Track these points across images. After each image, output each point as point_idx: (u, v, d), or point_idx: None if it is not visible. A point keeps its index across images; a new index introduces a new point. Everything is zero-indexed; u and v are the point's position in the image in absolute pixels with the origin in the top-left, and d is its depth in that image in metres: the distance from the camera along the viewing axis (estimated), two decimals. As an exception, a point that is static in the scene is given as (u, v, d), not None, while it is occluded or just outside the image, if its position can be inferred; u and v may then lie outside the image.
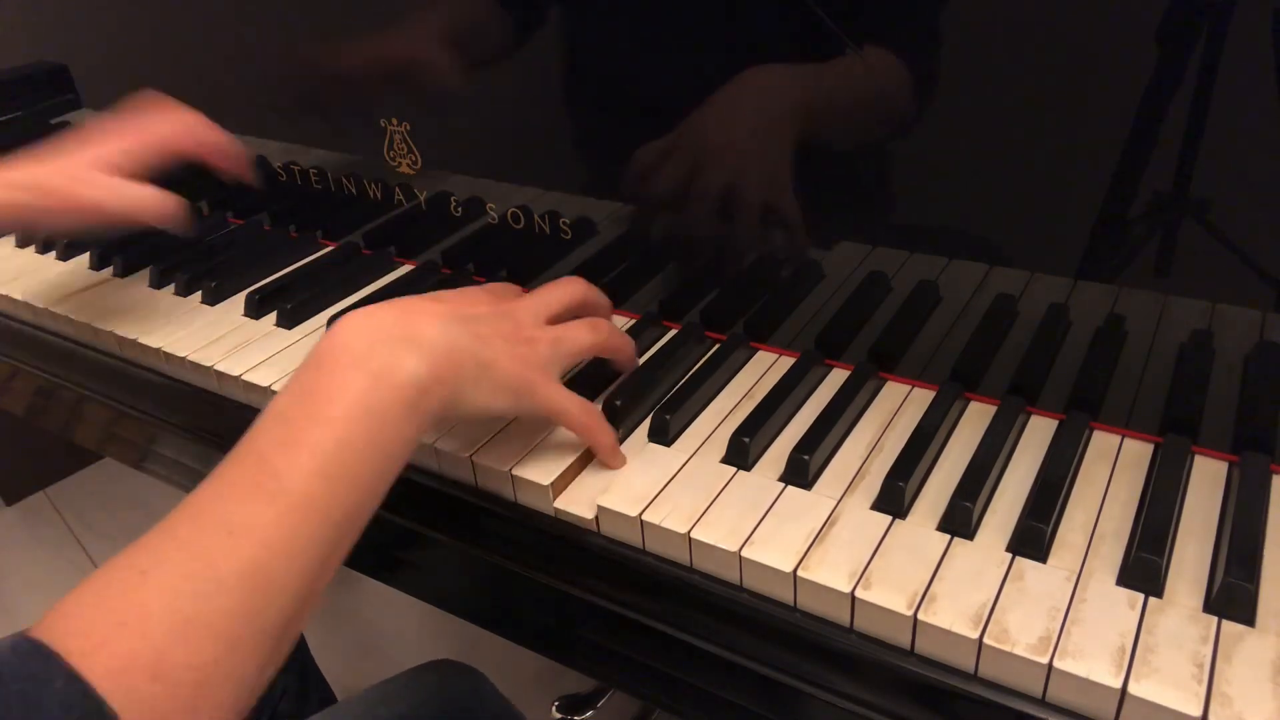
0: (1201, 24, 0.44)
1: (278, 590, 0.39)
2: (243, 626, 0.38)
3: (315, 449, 0.41)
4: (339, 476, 0.42)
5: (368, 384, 0.43)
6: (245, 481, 0.41)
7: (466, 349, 0.47)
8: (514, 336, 0.50)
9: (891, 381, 0.60)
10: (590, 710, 1.09)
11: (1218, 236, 0.48)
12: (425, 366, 0.45)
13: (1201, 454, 0.52)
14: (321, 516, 0.41)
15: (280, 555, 0.39)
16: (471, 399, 0.48)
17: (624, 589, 0.52)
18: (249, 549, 0.39)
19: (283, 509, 0.40)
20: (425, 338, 0.46)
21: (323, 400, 0.43)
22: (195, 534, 0.39)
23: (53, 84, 0.95)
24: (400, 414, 0.44)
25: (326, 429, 0.42)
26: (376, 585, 0.65)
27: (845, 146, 0.57)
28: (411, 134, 0.72)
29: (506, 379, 0.49)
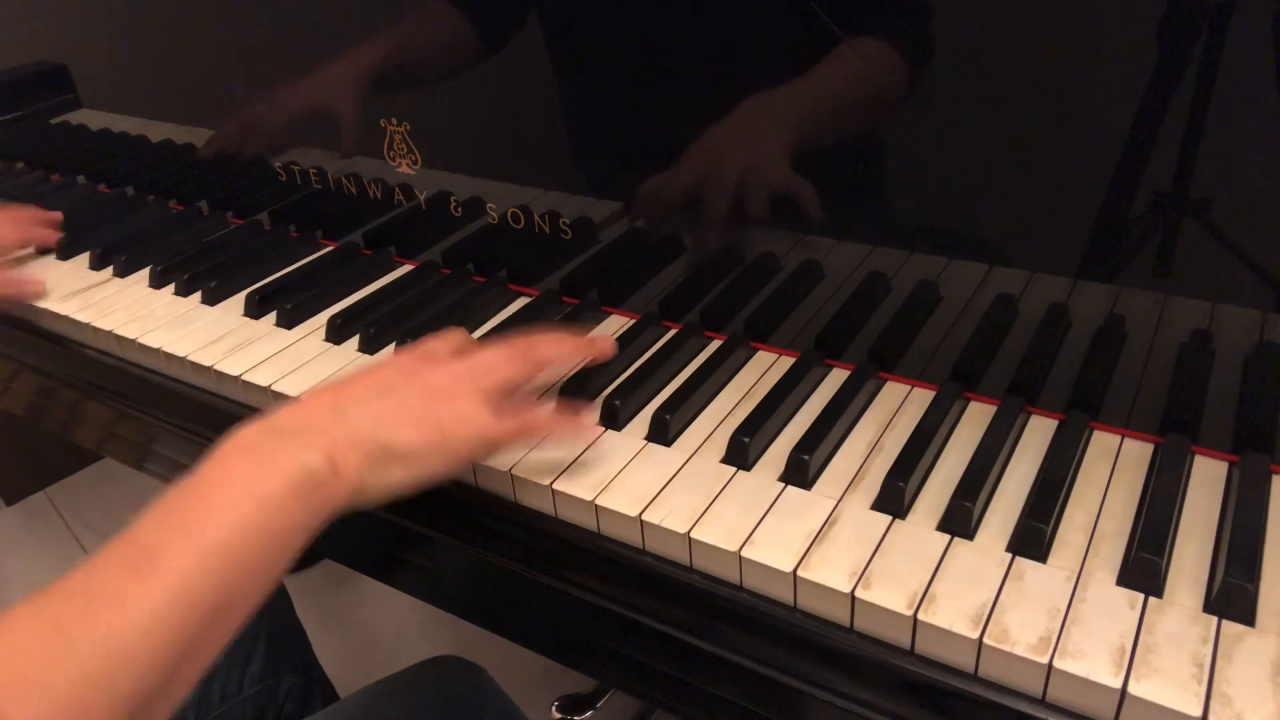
0: (1201, 24, 0.44)
1: (132, 662, 0.38)
2: (88, 692, 0.37)
3: (193, 529, 0.41)
4: (217, 556, 0.41)
5: (252, 473, 0.43)
6: (118, 559, 0.41)
7: (364, 433, 0.46)
8: (428, 400, 0.49)
9: (891, 381, 0.60)
10: (590, 710, 1.09)
11: (1218, 236, 0.48)
12: (316, 456, 0.44)
13: (1201, 454, 0.52)
14: (194, 595, 0.40)
15: (139, 628, 0.38)
16: (386, 480, 0.47)
17: (624, 589, 0.52)
18: (105, 619, 0.38)
19: (149, 585, 0.39)
20: (314, 429, 0.46)
21: (208, 487, 0.43)
22: (55, 604, 0.39)
23: (53, 84, 0.95)
24: (291, 503, 0.43)
25: (208, 511, 0.42)
26: (376, 585, 0.65)
27: (844, 147, 0.57)
28: (411, 134, 0.72)
29: (421, 448, 0.48)
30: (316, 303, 0.73)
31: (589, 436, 0.54)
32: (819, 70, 0.54)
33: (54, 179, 1.04)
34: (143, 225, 0.91)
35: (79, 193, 1.01)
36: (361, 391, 0.49)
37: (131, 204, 0.97)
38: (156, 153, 0.92)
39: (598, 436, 0.56)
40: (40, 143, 1.04)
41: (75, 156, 1.02)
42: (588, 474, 0.53)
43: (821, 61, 0.54)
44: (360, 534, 0.65)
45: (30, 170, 1.07)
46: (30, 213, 0.73)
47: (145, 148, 0.93)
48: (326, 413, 0.47)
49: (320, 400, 0.48)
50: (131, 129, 0.93)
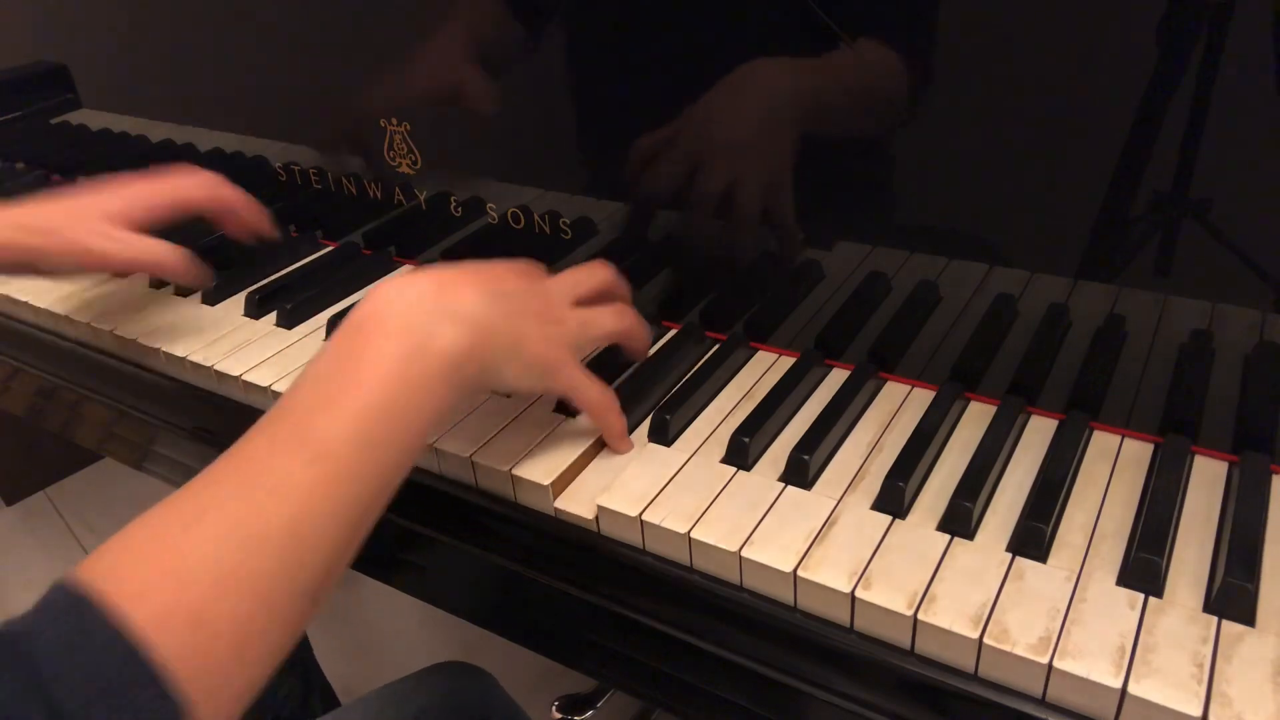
0: (1201, 24, 0.44)
1: (312, 550, 0.40)
2: (280, 583, 0.39)
3: (353, 413, 0.42)
4: (375, 442, 0.42)
5: (405, 352, 0.44)
6: (284, 441, 0.42)
7: (501, 324, 0.48)
8: (544, 315, 0.51)
9: (891, 381, 0.60)
10: (590, 710, 1.09)
11: (1218, 236, 0.48)
12: (462, 338, 0.45)
13: (1201, 454, 0.52)
14: (357, 480, 0.41)
15: (317, 515, 0.40)
16: (502, 374, 0.48)
17: (624, 589, 0.52)
18: (288, 508, 0.39)
19: (320, 471, 0.41)
20: (462, 310, 0.46)
21: (361, 365, 0.43)
22: (236, 491, 0.40)
23: (53, 84, 0.95)
24: (436, 384, 0.44)
25: (365, 394, 0.43)
26: (376, 585, 0.65)
27: (844, 145, 0.57)
28: (411, 134, 0.72)
29: (535, 357, 0.49)
30: (316, 303, 0.73)
31: (625, 450, 0.55)
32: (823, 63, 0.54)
33: (54, 179, 1.04)
34: (143, 225, 0.91)
35: (79, 193, 1.01)
36: (496, 283, 0.50)
37: (131, 204, 0.97)
38: (156, 153, 0.92)
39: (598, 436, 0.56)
40: (40, 143, 1.04)
41: (75, 156, 1.02)
42: (588, 474, 0.53)
43: (826, 56, 0.54)
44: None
45: (30, 170, 1.07)
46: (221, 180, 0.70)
47: (145, 148, 0.93)
48: (474, 294, 0.47)
49: (461, 279, 0.48)
50: (131, 129, 0.93)
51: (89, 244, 0.62)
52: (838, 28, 0.52)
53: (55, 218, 0.63)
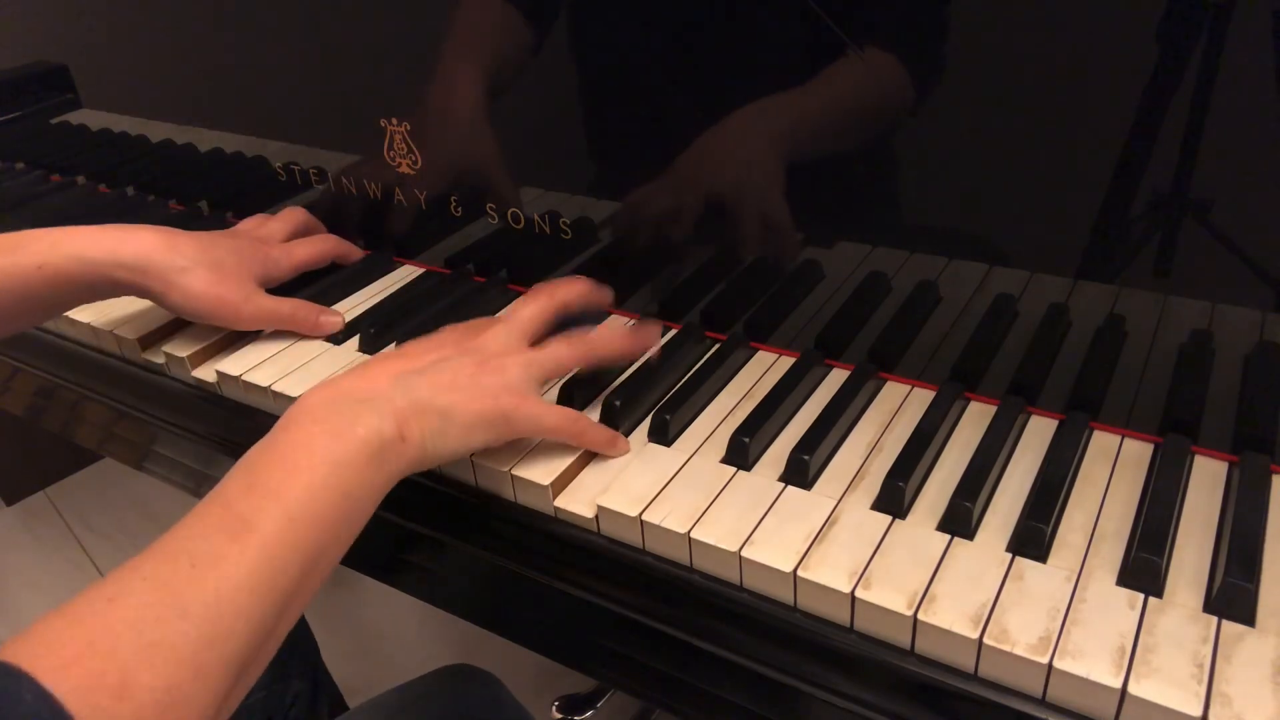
0: (1201, 24, 0.44)
1: (241, 621, 0.40)
2: (205, 653, 0.39)
3: (280, 493, 0.43)
4: (303, 519, 0.43)
5: (330, 439, 0.46)
6: (211, 522, 0.43)
7: (425, 401, 0.49)
8: (479, 373, 0.52)
9: (891, 381, 0.60)
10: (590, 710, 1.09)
11: (1218, 236, 0.48)
12: (385, 424, 0.47)
13: (1201, 454, 0.52)
14: (285, 556, 0.42)
15: (243, 589, 0.40)
16: (443, 447, 0.50)
17: (624, 589, 0.52)
18: (212, 581, 0.40)
19: (246, 546, 0.41)
20: (382, 397, 0.48)
21: (288, 452, 0.45)
22: (160, 567, 0.41)
23: (53, 84, 0.95)
24: (364, 466, 0.46)
25: (292, 476, 0.44)
26: (377, 586, 0.66)
27: (844, 152, 0.57)
28: (411, 134, 0.72)
29: (475, 416, 0.50)
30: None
31: (620, 452, 0.55)
32: (821, 82, 0.54)
33: (54, 179, 1.04)
34: (143, 225, 0.91)
35: (79, 193, 1.01)
36: (420, 361, 0.52)
37: (131, 204, 0.97)
38: (156, 153, 0.92)
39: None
40: (40, 143, 1.04)
41: (75, 156, 1.02)
42: (588, 473, 0.53)
43: (823, 73, 0.54)
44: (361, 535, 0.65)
45: (30, 170, 1.07)
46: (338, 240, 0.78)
47: (145, 148, 0.93)
48: (391, 381, 0.50)
49: (384, 369, 0.51)
50: (131, 129, 0.93)
51: (232, 303, 0.65)
52: (847, 39, 0.52)
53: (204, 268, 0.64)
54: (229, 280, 0.65)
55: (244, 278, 0.66)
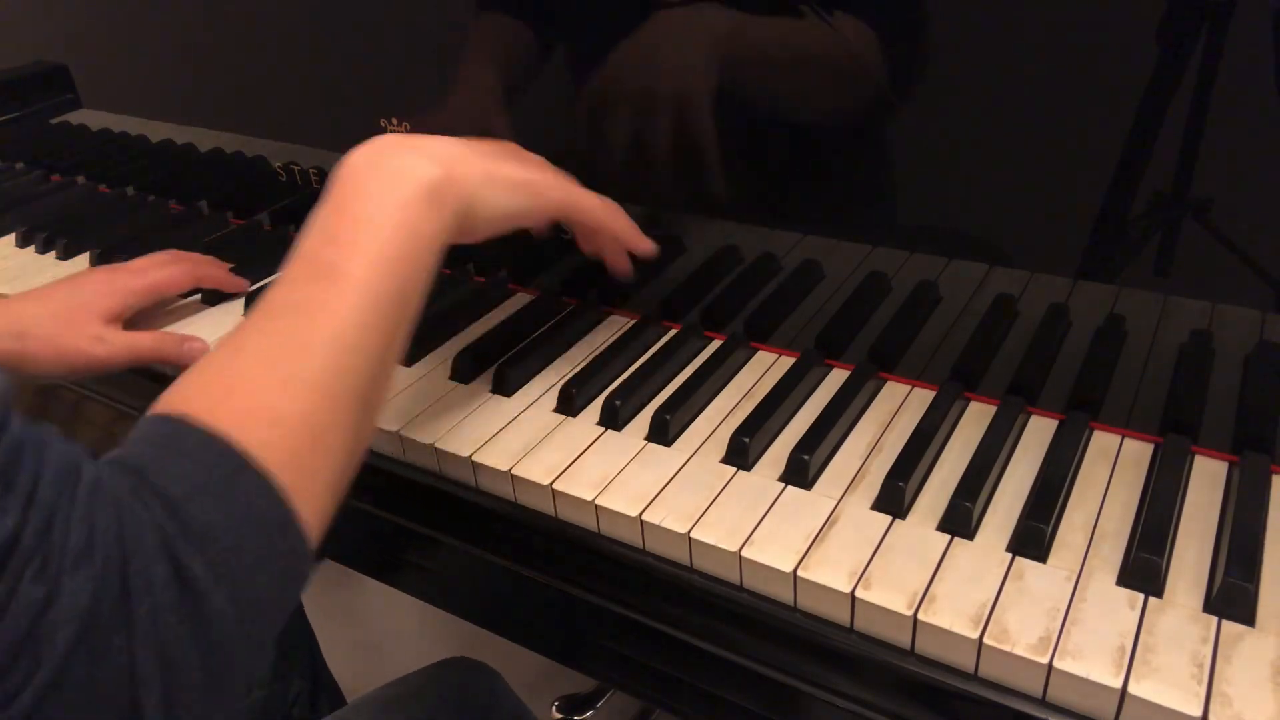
0: (1201, 24, 0.44)
1: (358, 354, 0.43)
2: (335, 383, 0.42)
3: (356, 240, 0.45)
4: (383, 258, 0.45)
5: (387, 183, 0.47)
6: (304, 277, 0.45)
7: (470, 157, 0.51)
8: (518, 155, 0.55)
9: (891, 381, 0.60)
10: (590, 710, 1.09)
11: (1218, 236, 0.48)
12: (434, 168, 0.48)
13: (1201, 454, 0.52)
14: (378, 293, 0.44)
15: (352, 325, 0.43)
16: (488, 199, 0.51)
17: (624, 589, 0.52)
18: (325, 321, 0.43)
19: (343, 289, 0.44)
20: (428, 148, 0.50)
21: (350, 204, 0.47)
22: (272, 321, 0.43)
23: (53, 84, 0.95)
24: (423, 205, 0.47)
25: (364, 224, 0.46)
26: (377, 585, 0.65)
27: (842, 142, 0.57)
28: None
29: (516, 178, 0.53)
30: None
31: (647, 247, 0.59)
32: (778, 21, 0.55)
33: (54, 179, 1.04)
34: (143, 225, 0.91)
35: (79, 193, 1.01)
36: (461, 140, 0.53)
37: (131, 204, 0.97)
38: (156, 153, 0.92)
39: (598, 437, 0.56)
40: (40, 143, 1.04)
41: (75, 156, 1.02)
42: (588, 474, 0.53)
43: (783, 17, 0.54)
44: (361, 534, 0.65)
45: (30, 170, 1.07)
46: (203, 257, 0.76)
47: (145, 148, 0.93)
48: (431, 139, 0.51)
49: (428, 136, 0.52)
50: (131, 129, 0.93)
51: (82, 349, 0.64)
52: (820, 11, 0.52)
53: (44, 323, 0.63)
54: (73, 328, 0.64)
55: (89, 319, 0.64)
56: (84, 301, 0.65)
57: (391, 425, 0.58)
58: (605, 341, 0.66)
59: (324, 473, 0.40)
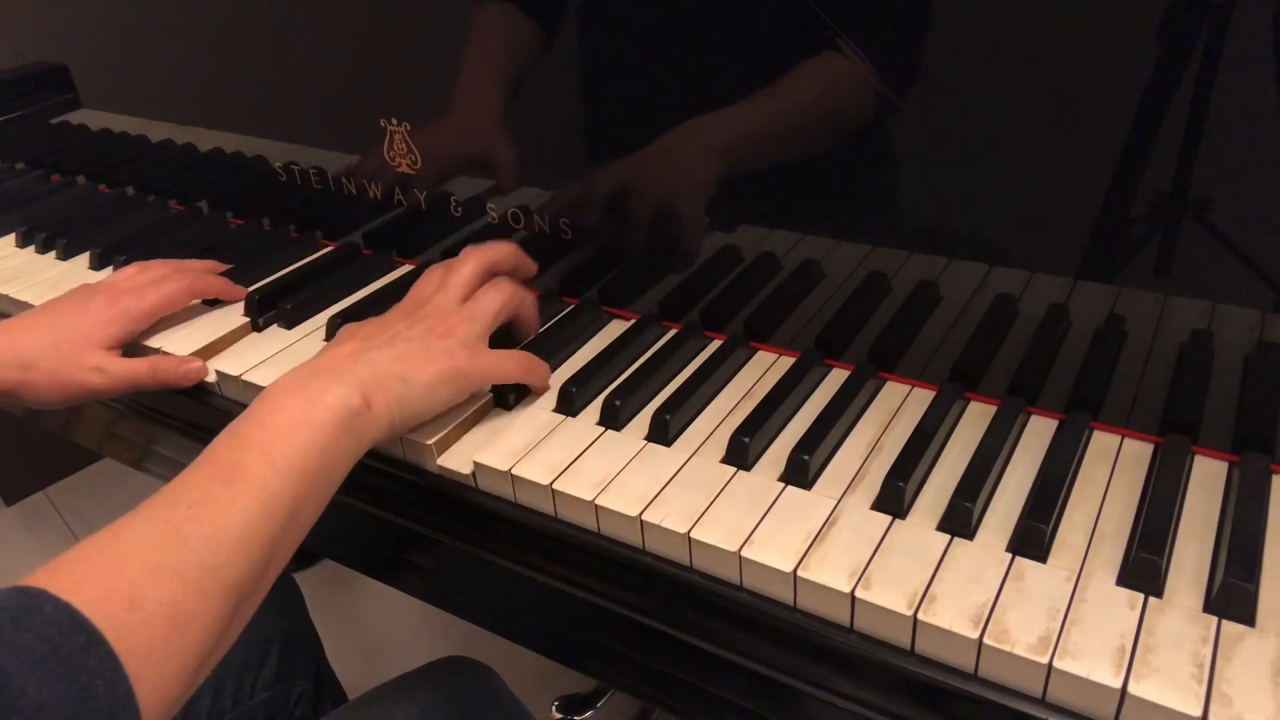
0: (1201, 24, 0.44)
1: (237, 554, 0.44)
2: (207, 578, 0.42)
3: (265, 448, 0.47)
4: (286, 471, 0.47)
5: (304, 405, 0.49)
6: (203, 474, 0.46)
7: (387, 373, 0.53)
8: (429, 338, 0.56)
9: (891, 381, 0.60)
10: (590, 710, 1.09)
11: (1218, 236, 0.48)
12: (353, 395, 0.50)
13: (1201, 454, 0.52)
14: (272, 502, 0.46)
15: (237, 526, 0.44)
16: (410, 410, 0.54)
17: (624, 589, 0.52)
18: (209, 518, 0.44)
19: (238, 492, 0.45)
20: (346, 372, 0.52)
21: (267, 418, 0.49)
22: (159, 510, 0.44)
23: (53, 84, 0.95)
24: (336, 430, 0.49)
25: (273, 435, 0.48)
26: (376, 585, 0.66)
27: (842, 147, 0.57)
28: (411, 134, 0.72)
29: (433, 379, 0.54)
30: (316, 303, 0.73)
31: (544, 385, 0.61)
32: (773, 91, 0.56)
33: (54, 179, 1.04)
34: (143, 225, 0.91)
35: (79, 193, 1.02)
36: (376, 339, 0.56)
37: (131, 204, 0.97)
38: (156, 153, 0.92)
39: (598, 437, 0.56)
40: (40, 143, 1.04)
41: (75, 156, 1.02)
42: (588, 474, 0.53)
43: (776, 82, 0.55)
44: (361, 534, 0.65)
45: (30, 170, 1.07)
46: (200, 264, 0.76)
47: (145, 148, 0.93)
48: (352, 359, 0.53)
49: (342, 350, 0.55)
50: (131, 129, 0.93)
51: (82, 381, 0.64)
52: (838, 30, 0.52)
53: (48, 354, 0.64)
54: (74, 360, 0.64)
55: (90, 349, 0.65)
56: (85, 333, 0.66)
57: (391, 425, 0.58)
58: (605, 341, 0.66)
59: (177, 663, 0.40)
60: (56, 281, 0.82)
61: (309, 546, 0.53)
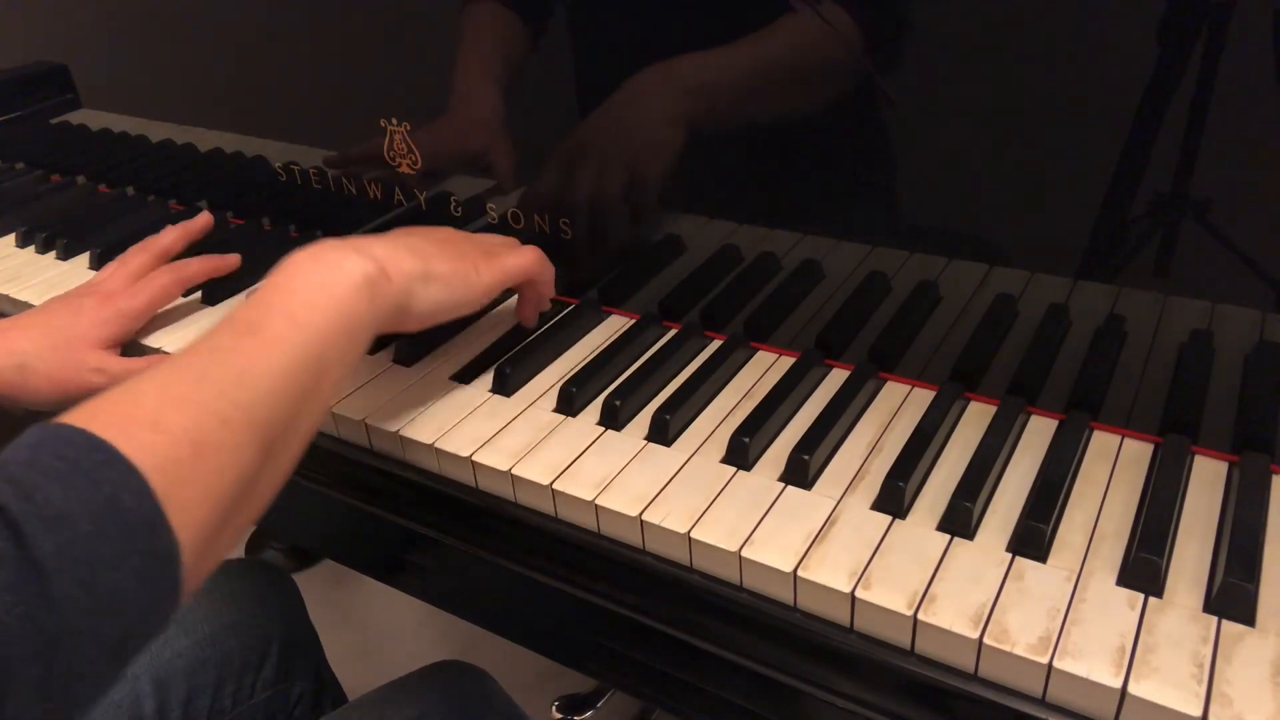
0: (1201, 24, 0.44)
1: (262, 394, 0.43)
2: (230, 409, 0.41)
3: (288, 309, 0.47)
4: (307, 327, 0.47)
5: (325, 272, 0.49)
6: (227, 330, 0.46)
7: (406, 257, 0.53)
8: (447, 244, 0.57)
9: (891, 381, 0.60)
10: (590, 710, 1.09)
11: (1218, 236, 0.48)
12: (372, 265, 0.51)
13: (1201, 454, 0.52)
14: (294, 356, 0.45)
15: (260, 372, 0.44)
16: (421, 296, 0.54)
17: (624, 589, 0.52)
18: (232, 359, 0.44)
19: (261, 341, 0.45)
20: (367, 248, 0.52)
21: (285, 282, 0.49)
22: (183, 357, 0.44)
23: (53, 84, 0.95)
24: (354, 293, 0.49)
25: (291, 295, 0.48)
26: (376, 585, 0.66)
27: (843, 143, 0.57)
28: (411, 134, 0.72)
29: (448, 275, 0.55)
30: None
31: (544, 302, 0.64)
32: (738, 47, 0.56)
33: (54, 179, 1.04)
34: (143, 225, 0.91)
35: (79, 193, 1.01)
36: (396, 236, 0.56)
37: (131, 204, 0.97)
38: (156, 153, 0.92)
39: (598, 437, 0.56)
40: (40, 143, 1.04)
41: (75, 156, 1.02)
42: (588, 474, 0.53)
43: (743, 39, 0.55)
44: (361, 534, 0.65)
45: (30, 170, 1.07)
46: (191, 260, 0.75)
47: (145, 148, 0.93)
48: (373, 242, 0.53)
49: (365, 237, 0.54)
50: (131, 129, 0.93)
51: (80, 380, 0.64)
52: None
53: (45, 355, 0.64)
54: (72, 359, 0.64)
55: (88, 349, 0.65)
56: (82, 333, 0.66)
57: (391, 425, 0.58)
58: (605, 341, 0.66)
59: (205, 489, 0.39)
60: (56, 281, 0.82)
61: (309, 546, 0.53)
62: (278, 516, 0.49)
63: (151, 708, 0.68)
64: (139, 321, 0.69)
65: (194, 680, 0.70)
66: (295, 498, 0.64)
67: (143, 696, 0.68)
